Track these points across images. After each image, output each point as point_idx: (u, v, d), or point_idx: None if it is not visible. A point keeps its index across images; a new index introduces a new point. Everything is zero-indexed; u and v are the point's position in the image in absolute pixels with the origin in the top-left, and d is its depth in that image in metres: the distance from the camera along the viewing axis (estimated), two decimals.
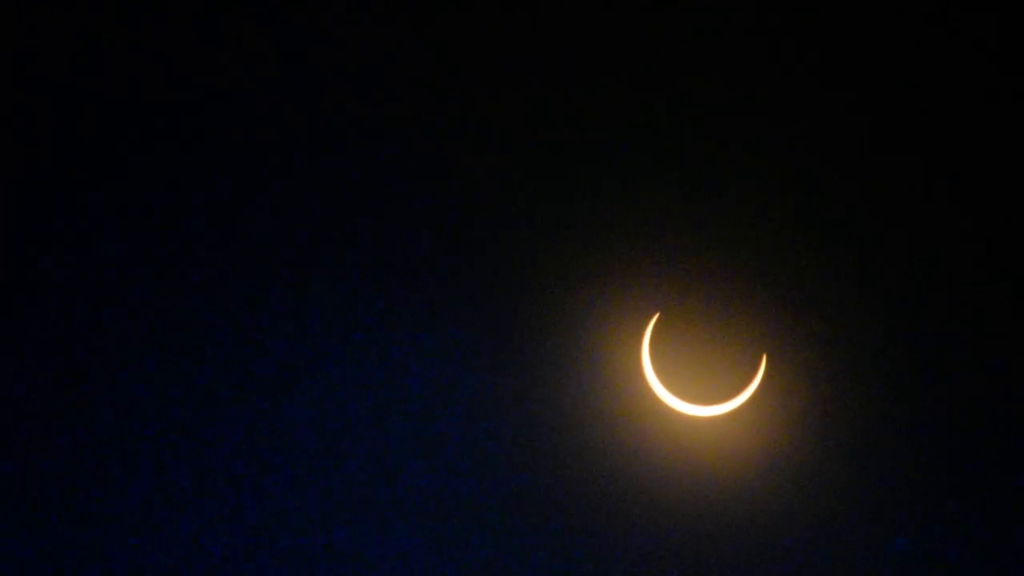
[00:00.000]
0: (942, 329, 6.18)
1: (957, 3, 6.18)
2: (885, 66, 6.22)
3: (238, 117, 6.24)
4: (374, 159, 6.24)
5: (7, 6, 6.16)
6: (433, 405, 6.20)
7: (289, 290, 6.21)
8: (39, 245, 6.17)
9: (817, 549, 6.15)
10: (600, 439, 6.17)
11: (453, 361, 6.19)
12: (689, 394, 6.12)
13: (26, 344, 6.14)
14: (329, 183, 6.24)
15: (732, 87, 6.23)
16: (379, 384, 6.21)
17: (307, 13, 6.26)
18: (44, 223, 6.18)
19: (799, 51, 6.23)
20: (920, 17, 6.21)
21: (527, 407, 6.19)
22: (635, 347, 6.16)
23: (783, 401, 6.17)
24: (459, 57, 6.25)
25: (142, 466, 6.15)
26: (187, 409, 6.17)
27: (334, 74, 6.25)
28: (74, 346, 6.15)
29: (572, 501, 6.17)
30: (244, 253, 6.22)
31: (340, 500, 6.18)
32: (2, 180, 6.17)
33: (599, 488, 6.17)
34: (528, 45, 6.24)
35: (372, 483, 6.19)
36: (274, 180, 6.24)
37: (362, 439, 6.20)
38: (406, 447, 6.20)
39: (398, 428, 6.20)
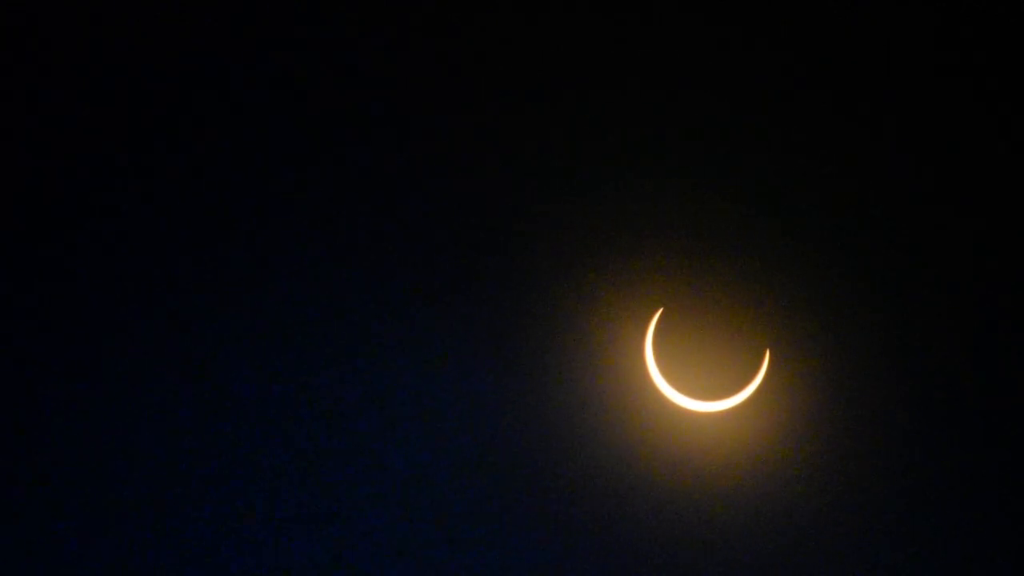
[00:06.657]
0: (944, 325, 6.18)
1: (957, 4, 6.19)
2: (886, 65, 6.23)
3: (239, 119, 6.24)
4: (374, 159, 6.25)
5: (10, 6, 6.16)
6: (436, 403, 6.20)
7: (292, 291, 6.22)
8: (43, 250, 6.18)
9: (819, 545, 6.16)
10: (604, 435, 6.18)
11: (456, 358, 6.20)
12: (692, 390, 6.12)
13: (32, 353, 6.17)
14: (330, 183, 6.24)
15: (733, 86, 6.23)
16: (378, 383, 6.22)
17: (308, 14, 6.26)
18: (46, 227, 6.19)
19: (800, 51, 6.23)
20: (919, 17, 6.22)
21: (530, 404, 6.19)
22: (638, 343, 6.17)
23: (786, 396, 6.18)
24: (461, 58, 6.25)
25: (141, 468, 6.17)
26: (188, 410, 6.18)
27: (339, 76, 6.25)
28: (76, 348, 6.17)
29: (575, 497, 6.18)
30: (245, 254, 6.22)
31: (342, 499, 6.19)
32: (7, 182, 6.18)
33: (602, 484, 6.18)
34: (530, 45, 6.24)
35: (373, 482, 6.20)
36: (275, 181, 6.25)
37: (363, 438, 6.21)
38: (408, 445, 6.20)
39: (399, 427, 6.21)
